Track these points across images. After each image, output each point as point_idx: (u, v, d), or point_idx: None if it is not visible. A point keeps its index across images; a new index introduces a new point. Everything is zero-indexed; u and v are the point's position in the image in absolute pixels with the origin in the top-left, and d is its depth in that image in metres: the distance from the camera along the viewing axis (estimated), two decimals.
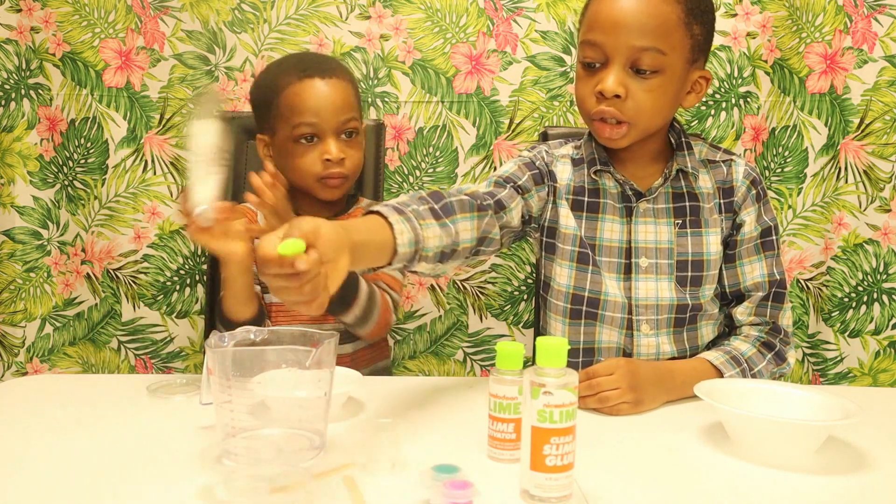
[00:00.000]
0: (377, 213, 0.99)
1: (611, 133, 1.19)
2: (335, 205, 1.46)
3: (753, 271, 1.25)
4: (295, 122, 1.36)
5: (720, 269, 1.26)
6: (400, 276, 1.48)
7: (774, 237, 1.27)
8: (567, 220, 1.25)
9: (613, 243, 1.24)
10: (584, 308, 1.24)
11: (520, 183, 1.23)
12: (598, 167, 1.25)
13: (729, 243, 1.26)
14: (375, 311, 1.33)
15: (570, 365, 1.27)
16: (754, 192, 1.26)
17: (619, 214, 1.24)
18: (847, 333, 1.84)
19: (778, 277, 1.26)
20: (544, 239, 1.28)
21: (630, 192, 1.24)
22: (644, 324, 1.23)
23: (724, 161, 1.28)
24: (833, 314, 1.84)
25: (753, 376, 1.18)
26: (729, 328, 1.30)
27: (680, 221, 1.24)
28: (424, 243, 1.00)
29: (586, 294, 1.24)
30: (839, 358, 1.85)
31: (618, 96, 1.15)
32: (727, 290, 1.27)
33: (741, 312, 1.26)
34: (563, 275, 1.25)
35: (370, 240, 0.94)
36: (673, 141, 1.27)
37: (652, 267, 1.23)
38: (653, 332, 1.23)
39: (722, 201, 1.26)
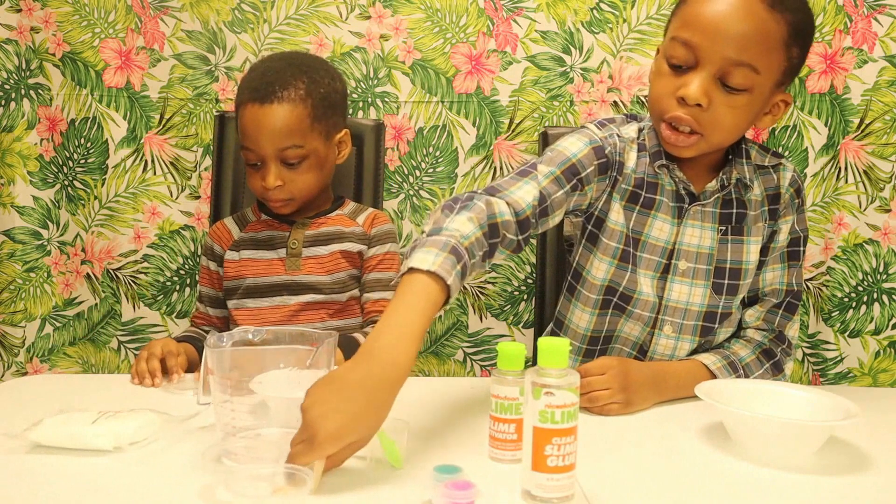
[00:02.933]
0: (440, 278, 0.90)
1: (678, 141, 1.13)
2: (316, 206, 1.46)
3: (774, 278, 1.24)
4: (241, 143, 1.38)
5: None
6: None
7: (802, 248, 1.25)
8: (618, 216, 1.20)
9: (659, 242, 1.21)
10: (614, 300, 1.22)
11: (583, 175, 1.16)
12: (664, 161, 1.19)
13: (763, 250, 1.24)
14: None
15: (588, 352, 1.27)
16: (797, 201, 1.24)
17: (672, 214, 1.21)
18: (847, 333, 1.84)
19: (796, 288, 1.25)
20: (589, 227, 1.23)
21: (683, 193, 1.21)
22: (668, 325, 1.22)
23: (773, 166, 1.24)
24: (833, 314, 1.84)
25: None
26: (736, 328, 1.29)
27: (724, 228, 1.21)
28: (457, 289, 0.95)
29: (620, 289, 1.22)
30: (839, 358, 1.85)
31: (699, 105, 1.09)
32: (745, 294, 1.26)
33: (750, 315, 1.25)
34: (601, 269, 1.22)
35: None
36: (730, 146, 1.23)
37: (689, 271, 1.21)
38: (675, 334, 1.22)
39: (768, 208, 1.23)
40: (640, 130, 1.23)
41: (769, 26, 1.06)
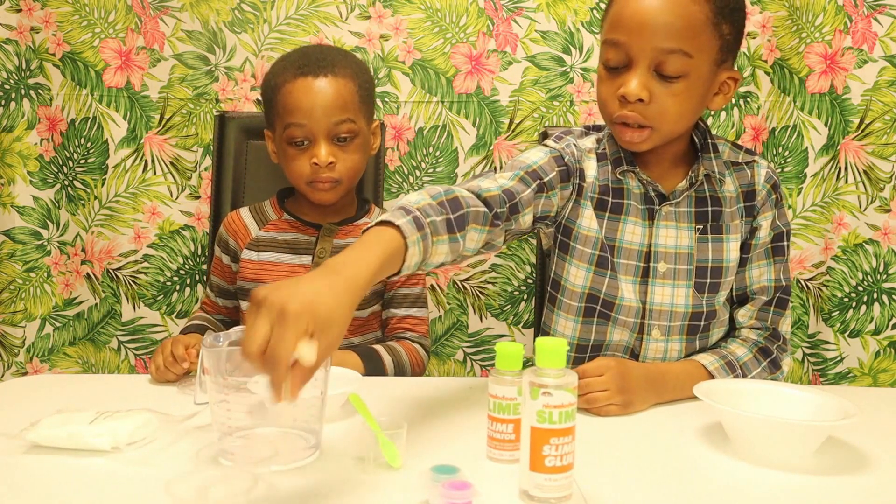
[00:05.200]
0: (395, 226, 0.91)
1: (632, 136, 1.15)
2: (343, 210, 1.43)
3: (762, 275, 1.24)
4: (287, 122, 1.33)
5: None
6: (426, 314, 1.45)
7: (786, 243, 1.25)
8: (590, 222, 1.21)
9: (633, 246, 1.21)
10: (597, 307, 1.22)
11: (545, 179, 1.17)
12: (625, 167, 1.20)
13: (743, 246, 1.24)
14: (406, 372, 1.34)
15: (577, 361, 1.27)
16: (774, 196, 1.24)
17: (642, 217, 1.21)
18: (847, 333, 1.84)
19: (784, 284, 1.24)
20: (559, 237, 1.24)
21: (653, 194, 1.21)
22: (655, 329, 1.21)
23: (746, 163, 1.25)
24: (833, 314, 1.84)
25: None
26: (729, 328, 1.29)
27: (701, 227, 1.21)
28: (429, 260, 0.97)
29: (601, 296, 1.21)
30: (839, 358, 1.85)
31: (641, 100, 1.11)
32: (734, 293, 1.26)
33: (742, 314, 1.25)
34: (578, 276, 1.22)
35: (381, 272, 0.88)
36: (698, 142, 1.23)
37: (670, 272, 1.20)
38: (663, 337, 1.22)
39: (744, 205, 1.23)
40: (599, 141, 1.25)
41: (691, 10, 1.09)
